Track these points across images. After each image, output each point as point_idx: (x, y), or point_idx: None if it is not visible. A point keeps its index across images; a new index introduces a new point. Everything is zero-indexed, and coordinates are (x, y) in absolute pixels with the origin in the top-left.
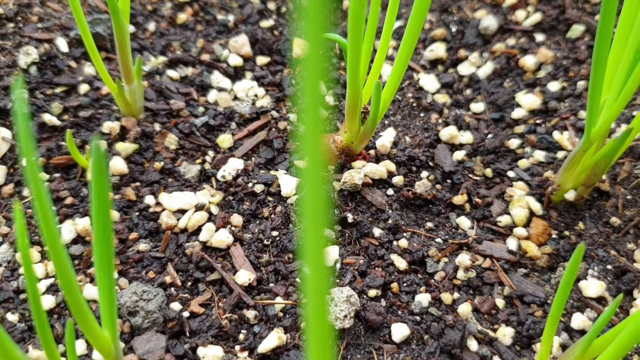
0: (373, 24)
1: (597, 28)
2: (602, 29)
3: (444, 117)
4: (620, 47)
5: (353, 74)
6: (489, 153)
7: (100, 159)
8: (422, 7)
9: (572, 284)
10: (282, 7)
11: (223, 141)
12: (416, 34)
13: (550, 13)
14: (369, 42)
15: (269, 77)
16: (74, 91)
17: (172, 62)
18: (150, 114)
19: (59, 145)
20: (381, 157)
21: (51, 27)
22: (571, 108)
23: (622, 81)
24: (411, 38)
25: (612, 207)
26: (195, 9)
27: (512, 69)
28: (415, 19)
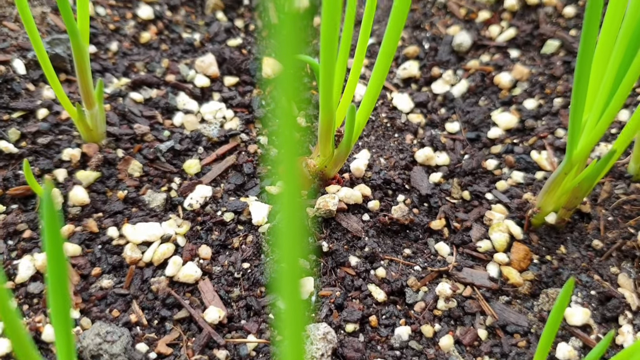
0: (346, 42)
1: (579, 49)
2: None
3: (419, 137)
4: (602, 67)
5: (326, 97)
6: (466, 174)
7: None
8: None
9: (560, 321)
10: (250, 25)
11: (190, 167)
12: (390, 55)
13: (524, 28)
14: (342, 62)
15: (238, 98)
16: (32, 116)
17: (135, 84)
18: (113, 140)
19: (17, 175)
20: (356, 180)
21: (7, 48)
22: (549, 126)
23: (604, 102)
24: (385, 59)
25: (593, 229)
26: (159, 27)
27: (487, 86)
28: (390, 40)
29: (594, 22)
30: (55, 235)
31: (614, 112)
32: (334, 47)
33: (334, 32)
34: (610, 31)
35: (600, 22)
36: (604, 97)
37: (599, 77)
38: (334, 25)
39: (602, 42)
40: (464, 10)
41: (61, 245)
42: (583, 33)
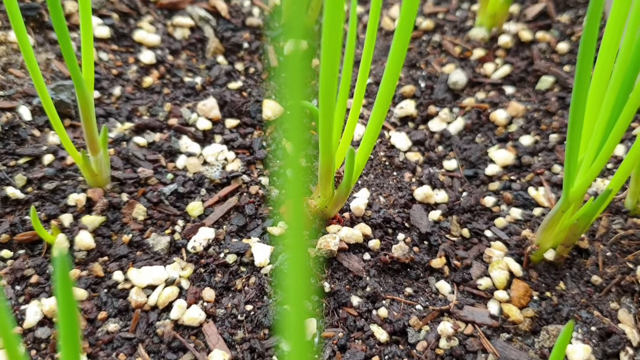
0: (346, 84)
1: (573, 89)
2: (578, 90)
3: (417, 175)
4: (596, 105)
5: (325, 142)
6: (465, 212)
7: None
8: (394, 71)
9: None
10: (250, 68)
11: (193, 209)
12: (389, 97)
13: (519, 65)
14: (341, 104)
15: (239, 139)
16: (38, 162)
17: (139, 128)
18: (117, 184)
19: (23, 220)
20: (356, 219)
21: (14, 95)
22: (545, 162)
23: (599, 141)
24: (384, 102)
25: (592, 264)
26: (161, 71)
27: (483, 123)
28: (388, 83)
29: (588, 61)
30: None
31: (609, 151)
32: (333, 94)
33: (333, 78)
34: (603, 69)
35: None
36: (599, 136)
37: (594, 116)
38: (333, 72)
39: (596, 80)
40: (459, 48)
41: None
42: (577, 73)
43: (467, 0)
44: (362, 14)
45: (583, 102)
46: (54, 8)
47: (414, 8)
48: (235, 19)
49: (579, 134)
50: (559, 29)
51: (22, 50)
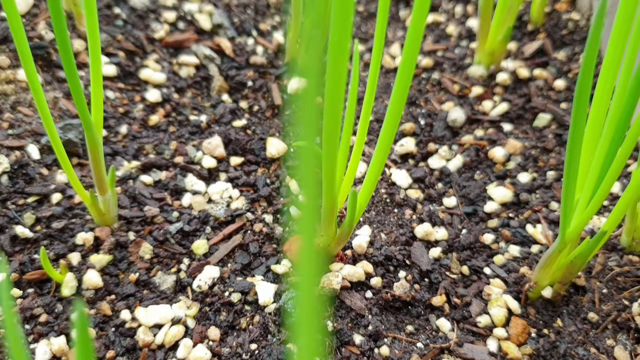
0: (349, 123)
1: (569, 129)
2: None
3: (418, 213)
4: (592, 147)
5: (328, 184)
6: (464, 249)
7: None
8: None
9: None
10: (254, 106)
11: (198, 247)
12: (391, 138)
13: (517, 102)
14: (345, 143)
15: (243, 177)
16: (46, 200)
17: (145, 167)
18: (124, 222)
19: (32, 259)
20: (358, 257)
21: (22, 134)
22: (542, 200)
23: (594, 183)
24: (386, 142)
25: (589, 302)
26: (167, 109)
27: (481, 160)
28: (390, 124)
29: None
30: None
31: (605, 192)
32: (336, 137)
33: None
34: (599, 109)
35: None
36: (595, 176)
37: (590, 156)
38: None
39: (592, 119)
40: (458, 86)
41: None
42: (573, 114)
43: (465, 38)
44: (363, 52)
45: (579, 143)
46: (64, 50)
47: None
48: (240, 57)
49: (575, 175)
50: (556, 66)
51: (32, 89)
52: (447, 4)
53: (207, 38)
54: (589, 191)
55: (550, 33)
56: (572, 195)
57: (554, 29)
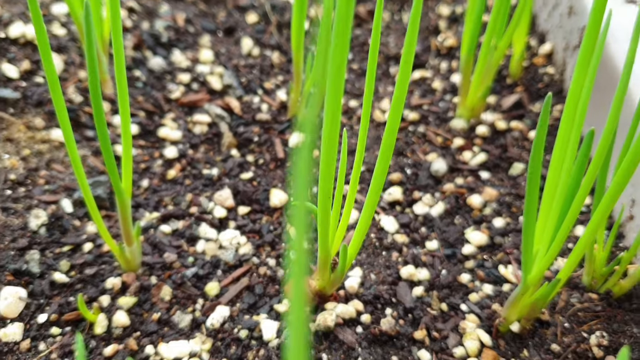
0: (342, 175)
1: (526, 190)
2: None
3: (403, 255)
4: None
5: (323, 236)
6: (444, 288)
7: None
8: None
9: None
10: (259, 159)
11: (211, 289)
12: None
13: (494, 152)
14: (338, 192)
15: (250, 225)
16: (79, 249)
17: (164, 217)
18: (147, 268)
19: (68, 302)
20: (350, 297)
21: (57, 189)
22: (514, 242)
23: (551, 235)
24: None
25: (552, 334)
26: (183, 164)
27: (461, 207)
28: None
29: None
30: None
31: (560, 244)
32: (329, 197)
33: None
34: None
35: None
36: (551, 230)
37: (547, 211)
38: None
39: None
40: (441, 138)
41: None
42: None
43: (449, 92)
44: (356, 107)
45: (535, 201)
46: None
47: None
48: (247, 114)
49: (532, 230)
50: (531, 117)
51: (69, 149)
52: (433, 60)
53: (218, 97)
54: (547, 242)
55: (527, 86)
56: (530, 247)
57: (530, 82)
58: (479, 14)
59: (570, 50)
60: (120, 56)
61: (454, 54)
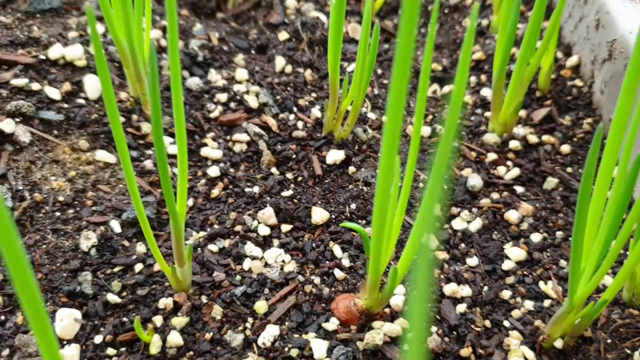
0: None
1: (576, 209)
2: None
3: (445, 272)
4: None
5: (375, 259)
6: (486, 304)
7: None
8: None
9: None
10: (298, 177)
11: (259, 308)
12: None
13: (527, 166)
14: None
15: (293, 243)
16: (129, 269)
17: (211, 236)
18: (197, 288)
19: (122, 322)
20: (395, 315)
21: (104, 210)
22: (552, 258)
23: (597, 257)
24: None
25: (595, 351)
26: (225, 183)
27: (498, 222)
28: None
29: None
30: None
31: (608, 266)
32: (385, 226)
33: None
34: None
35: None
36: (599, 250)
37: (595, 231)
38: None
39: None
40: (475, 153)
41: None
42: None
43: (480, 106)
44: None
45: (583, 227)
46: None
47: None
48: (283, 132)
49: (580, 251)
50: (562, 131)
51: (125, 171)
52: None
53: (255, 115)
54: (593, 264)
55: (556, 99)
56: (578, 266)
57: (559, 95)
58: (511, 31)
59: (599, 63)
60: (178, 90)
61: (482, 67)
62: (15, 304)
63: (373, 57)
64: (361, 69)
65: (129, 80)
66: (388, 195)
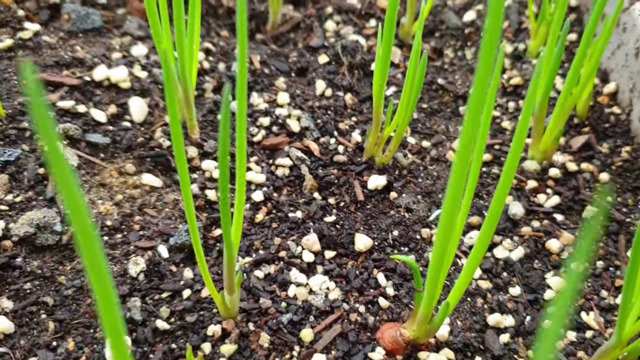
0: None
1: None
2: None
3: (488, 301)
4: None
5: (431, 293)
6: (529, 334)
7: None
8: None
9: None
10: (340, 202)
11: (305, 336)
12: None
13: (567, 194)
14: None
15: (337, 269)
16: (177, 295)
17: (256, 262)
18: (245, 314)
19: (171, 349)
20: (440, 345)
21: (152, 235)
22: (593, 288)
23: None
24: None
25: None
26: (269, 207)
27: (539, 250)
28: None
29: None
30: None
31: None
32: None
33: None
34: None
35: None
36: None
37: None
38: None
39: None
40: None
41: None
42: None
43: None
44: (428, 147)
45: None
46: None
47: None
48: (325, 156)
49: (632, 288)
50: (600, 159)
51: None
52: (500, 98)
53: (297, 139)
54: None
55: (594, 126)
56: (629, 303)
57: (597, 122)
58: (556, 61)
59: (637, 91)
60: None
61: (520, 93)
62: (66, 330)
63: (420, 85)
64: (408, 96)
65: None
66: (451, 234)
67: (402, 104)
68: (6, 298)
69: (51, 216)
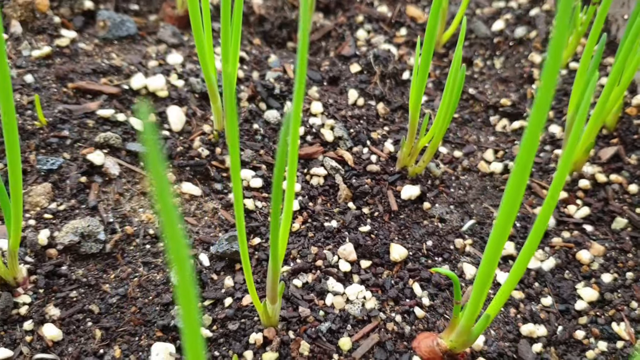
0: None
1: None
2: None
3: (521, 311)
4: None
5: (474, 306)
6: (561, 344)
7: None
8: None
9: None
10: (375, 212)
11: (344, 344)
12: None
13: (596, 206)
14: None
15: (372, 279)
16: (219, 303)
17: (294, 271)
18: (285, 323)
19: (214, 356)
20: (476, 354)
21: (193, 243)
22: (624, 299)
23: None
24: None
25: None
26: (304, 217)
27: (570, 261)
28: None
29: None
30: None
31: None
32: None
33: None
34: None
35: None
36: None
37: None
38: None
39: None
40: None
41: None
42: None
43: (549, 143)
44: (460, 157)
45: None
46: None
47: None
48: (358, 165)
49: None
50: (629, 170)
51: (235, 197)
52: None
53: (330, 149)
54: None
55: (622, 138)
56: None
57: (626, 133)
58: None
59: None
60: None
61: None
62: (112, 337)
63: (457, 98)
64: (446, 107)
65: (214, 113)
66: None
67: (440, 114)
68: (53, 306)
69: (95, 225)
